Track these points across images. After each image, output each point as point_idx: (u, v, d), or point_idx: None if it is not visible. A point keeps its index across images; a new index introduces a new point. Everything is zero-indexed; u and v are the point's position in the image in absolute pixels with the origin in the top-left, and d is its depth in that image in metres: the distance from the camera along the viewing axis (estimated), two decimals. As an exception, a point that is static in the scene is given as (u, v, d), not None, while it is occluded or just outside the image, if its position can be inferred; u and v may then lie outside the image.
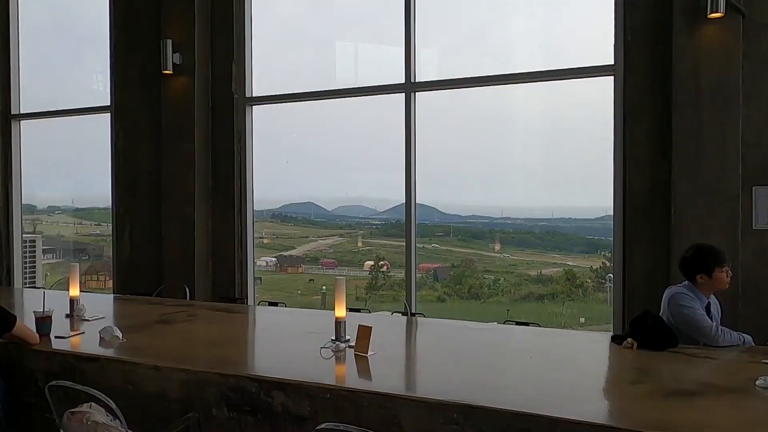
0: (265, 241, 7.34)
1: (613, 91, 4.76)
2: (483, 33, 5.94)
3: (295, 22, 6.71)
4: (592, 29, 5.21)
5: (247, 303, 6.00)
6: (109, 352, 3.04)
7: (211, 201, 6.32)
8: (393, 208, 6.50)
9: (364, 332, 2.86)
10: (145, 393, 2.79)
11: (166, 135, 6.29)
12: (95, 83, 7.43)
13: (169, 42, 6.03)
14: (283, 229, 7.57)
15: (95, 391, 2.32)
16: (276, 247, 7.49)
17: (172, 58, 6.02)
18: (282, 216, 7.56)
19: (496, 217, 6.64)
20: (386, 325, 3.86)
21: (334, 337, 3.07)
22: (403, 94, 5.62)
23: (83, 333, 3.46)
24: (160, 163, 6.35)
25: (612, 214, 4.81)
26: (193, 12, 6.09)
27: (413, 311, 5.19)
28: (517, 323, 3.94)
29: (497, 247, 6.60)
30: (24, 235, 7.75)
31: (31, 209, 8.30)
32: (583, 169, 5.61)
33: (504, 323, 4.08)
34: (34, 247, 8.04)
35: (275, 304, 4.98)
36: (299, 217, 7.62)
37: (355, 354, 2.88)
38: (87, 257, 8.62)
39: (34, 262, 7.99)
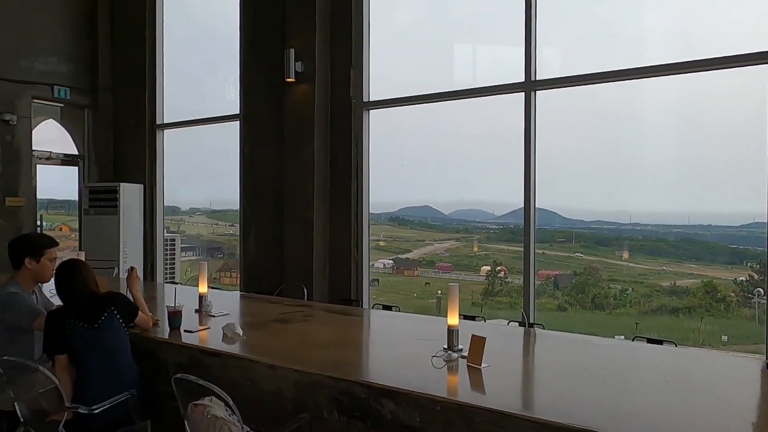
0: (381, 243, 7.41)
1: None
2: (610, 27, 5.54)
3: (412, 27, 6.73)
4: (741, 13, 4.64)
5: (361, 305, 6.08)
6: (230, 348, 3.19)
7: (330, 204, 6.49)
8: (511, 212, 6.32)
9: (478, 343, 2.74)
10: (262, 390, 2.88)
11: (288, 140, 6.57)
12: (228, 93, 7.96)
13: (292, 51, 6.29)
14: (399, 232, 7.61)
15: (215, 386, 2.42)
16: (392, 249, 7.54)
17: (294, 67, 6.28)
18: (399, 219, 7.60)
19: (623, 222, 6.16)
20: (502, 336, 3.70)
21: (446, 346, 2.98)
22: (523, 94, 5.39)
23: (209, 328, 3.67)
24: (282, 167, 6.64)
25: (765, 221, 4.23)
26: (315, 21, 6.31)
27: (532, 321, 4.94)
28: (649, 340, 3.58)
29: (625, 254, 6.13)
30: (165, 235, 8.50)
31: (175, 210, 9.10)
32: (725, 170, 5.02)
33: (633, 339, 3.73)
34: (174, 245, 8.79)
35: (389, 308, 4.98)
36: (416, 221, 7.62)
37: (467, 365, 2.77)
38: (221, 255, 9.28)
39: (174, 259, 8.74)
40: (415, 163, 6.77)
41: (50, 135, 8.57)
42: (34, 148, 8.02)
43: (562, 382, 2.73)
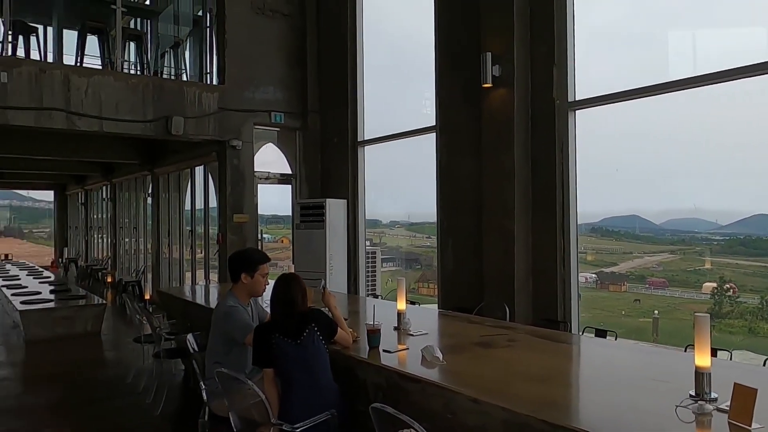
0: (589, 257, 6.69)
1: None
2: None
3: (619, 20, 5.95)
4: None
5: (570, 326, 5.47)
6: (430, 374, 2.94)
7: (532, 215, 6.00)
8: (740, 220, 5.39)
9: (745, 395, 2.08)
10: (466, 426, 2.57)
11: (486, 148, 6.25)
12: (424, 108, 7.94)
13: (489, 55, 5.98)
14: (603, 244, 6.84)
15: (414, 422, 2.19)
16: (596, 262, 6.79)
17: (491, 71, 5.96)
18: (602, 230, 6.83)
19: None
20: (764, 377, 2.88)
21: (693, 392, 2.35)
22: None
23: (408, 349, 3.49)
24: (480, 177, 6.34)
25: None
26: (512, 21, 5.92)
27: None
28: None
29: None
30: (367, 248, 8.76)
31: (376, 224, 9.40)
32: None
33: None
34: (375, 258, 9.03)
35: (603, 333, 4.33)
36: (621, 231, 6.78)
37: (729, 422, 2.13)
38: (419, 266, 9.34)
39: (375, 271, 8.97)
40: (621, 168, 5.96)
41: (269, 157, 9.46)
42: (255, 170, 8.91)
43: None
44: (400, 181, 8.89)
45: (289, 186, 9.48)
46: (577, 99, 5.79)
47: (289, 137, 9.51)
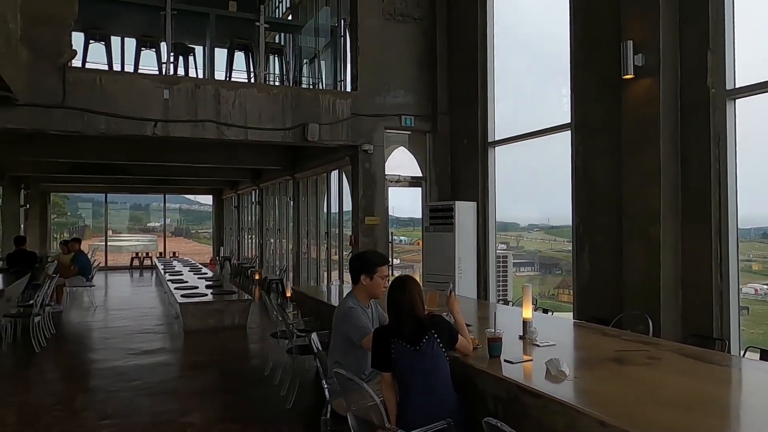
0: (755, 267, 5.87)
1: None
2: None
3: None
4: None
5: (728, 345, 4.81)
6: (553, 390, 2.73)
7: (681, 218, 5.40)
8: None
9: None
10: (590, 450, 2.34)
11: (627, 146, 5.74)
12: (559, 104, 7.52)
13: (630, 43, 5.49)
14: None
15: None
16: (765, 272, 5.92)
17: (633, 60, 5.46)
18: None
19: None
20: None
21: None
22: None
23: (532, 360, 3.28)
24: (620, 177, 5.84)
25: None
26: (658, 4, 5.38)
27: None
28: None
29: None
30: (497, 251, 8.50)
31: (512, 227, 9.11)
32: None
33: None
34: (506, 262, 8.73)
35: (771, 354, 3.73)
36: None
37: None
38: (560, 271, 8.88)
39: (506, 276, 8.67)
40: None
41: (399, 160, 9.58)
42: (386, 173, 9.07)
43: None
44: (537, 183, 8.51)
45: (420, 188, 9.52)
46: (737, 86, 5.10)
47: (420, 140, 9.55)
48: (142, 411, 5.16)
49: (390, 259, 9.08)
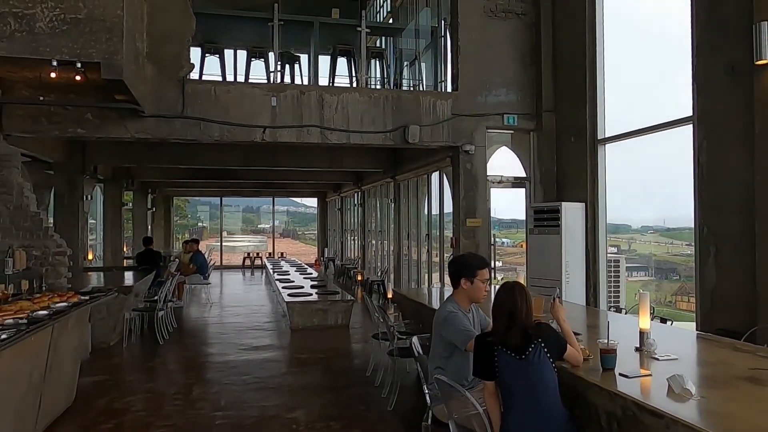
0: None
1: None
2: None
3: None
4: None
5: None
6: (677, 410, 2.48)
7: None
8: None
9: None
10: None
11: (760, 139, 5.16)
12: (680, 97, 6.95)
13: (764, 24, 4.93)
14: None
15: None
16: None
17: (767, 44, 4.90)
18: None
19: None
20: None
21: None
22: None
23: (650, 375, 3.02)
24: (751, 173, 5.27)
25: None
26: (798, -21, 4.78)
27: None
28: None
29: None
30: (608, 255, 8.01)
31: (623, 229, 8.57)
32: None
33: None
34: (618, 266, 8.20)
35: None
36: None
37: None
38: (677, 277, 8.24)
39: (618, 282, 8.14)
40: None
41: (502, 160, 9.32)
42: (488, 174, 8.86)
43: None
44: (652, 182, 7.91)
45: (523, 189, 9.21)
46: None
47: (523, 139, 9.24)
48: (251, 405, 5.41)
49: (492, 262, 8.86)
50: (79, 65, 6.09)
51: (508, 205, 9.87)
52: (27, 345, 3.84)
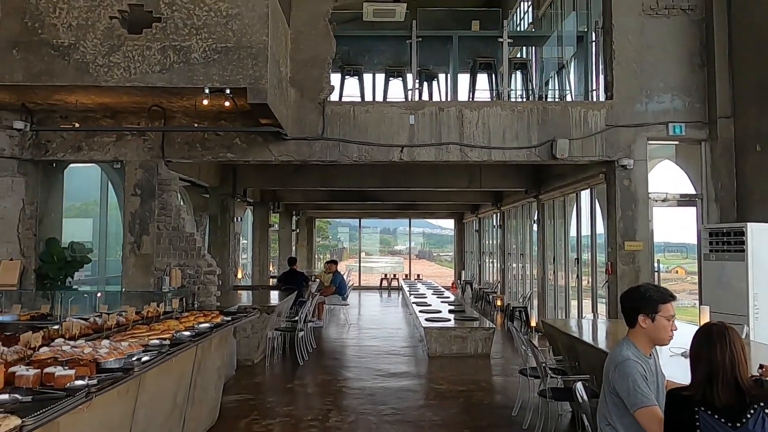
0: None
1: None
2: None
3: None
4: None
5: None
6: None
7: None
8: None
9: None
10: None
11: None
12: None
13: None
14: None
15: None
16: None
17: None
18: None
19: None
20: None
21: None
22: None
23: None
24: None
25: None
26: None
27: None
28: None
29: None
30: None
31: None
32: None
33: None
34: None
35: None
36: None
37: None
38: None
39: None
40: None
41: (665, 175, 8.23)
42: (649, 191, 7.84)
43: None
44: None
45: (693, 208, 8.01)
46: None
47: (692, 151, 8.08)
48: (387, 439, 5.07)
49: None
50: (228, 91, 6.33)
51: (671, 226, 8.67)
52: (172, 365, 3.86)
